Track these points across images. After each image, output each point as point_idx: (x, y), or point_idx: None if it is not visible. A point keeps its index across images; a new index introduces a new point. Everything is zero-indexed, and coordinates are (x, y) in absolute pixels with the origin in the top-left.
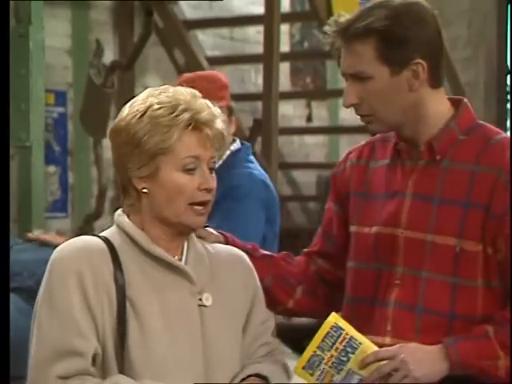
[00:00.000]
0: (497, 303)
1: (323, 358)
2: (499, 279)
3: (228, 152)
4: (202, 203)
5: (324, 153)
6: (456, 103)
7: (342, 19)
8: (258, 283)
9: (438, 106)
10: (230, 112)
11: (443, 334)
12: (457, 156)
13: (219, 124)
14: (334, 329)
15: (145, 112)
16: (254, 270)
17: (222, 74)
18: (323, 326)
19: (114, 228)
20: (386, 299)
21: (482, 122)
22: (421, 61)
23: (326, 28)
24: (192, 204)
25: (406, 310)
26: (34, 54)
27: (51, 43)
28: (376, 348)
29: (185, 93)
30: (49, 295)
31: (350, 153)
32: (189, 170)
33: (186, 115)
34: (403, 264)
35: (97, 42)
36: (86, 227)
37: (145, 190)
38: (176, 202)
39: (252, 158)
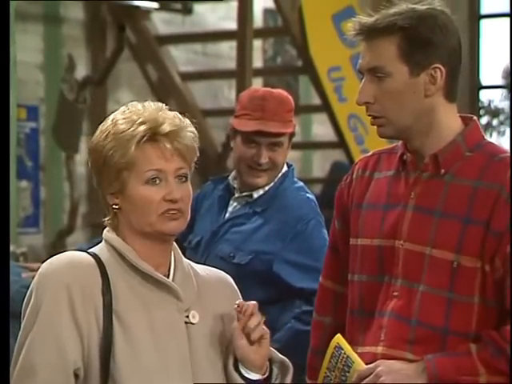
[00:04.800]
0: (491, 322)
1: (331, 379)
2: (495, 298)
3: (279, 175)
4: (170, 212)
5: (297, 168)
6: (466, 121)
7: (368, 18)
8: None
9: (449, 120)
10: (291, 136)
11: (436, 348)
12: (461, 171)
13: (184, 135)
14: (337, 349)
15: (109, 129)
16: (238, 292)
17: (289, 95)
18: (329, 347)
19: (102, 244)
20: (383, 310)
21: (489, 140)
22: (440, 66)
23: (349, 26)
24: (161, 214)
25: (401, 321)
26: None
27: (23, 58)
28: (363, 366)
29: (149, 106)
30: (36, 306)
31: (356, 163)
32: (153, 183)
33: (142, 127)
34: (402, 276)
35: (69, 57)
36: (58, 243)
37: (115, 206)
38: (146, 214)
39: (295, 178)
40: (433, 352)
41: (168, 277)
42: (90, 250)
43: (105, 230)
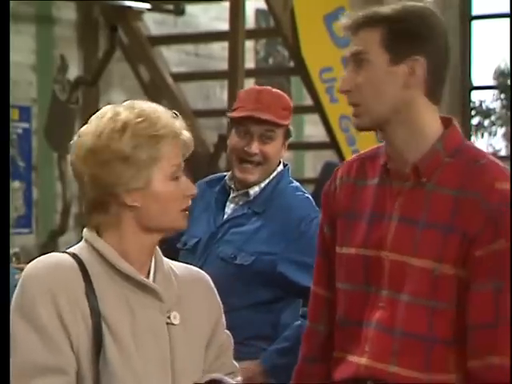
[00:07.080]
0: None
1: None
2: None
3: (275, 173)
4: (187, 209)
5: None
6: (445, 123)
7: (356, 13)
8: (220, 304)
9: (432, 121)
10: (286, 135)
11: (421, 359)
12: (441, 180)
13: (187, 133)
14: None
15: (125, 127)
16: (215, 290)
17: (287, 96)
18: None
19: (82, 244)
20: (369, 321)
21: (468, 142)
22: (421, 59)
23: (340, 22)
24: (182, 210)
25: (385, 332)
26: None
27: (15, 59)
28: None
29: (152, 106)
30: (23, 312)
31: (337, 169)
32: (176, 178)
33: (170, 127)
34: (387, 287)
35: (61, 57)
36: (50, 243)
37: (136, 204)
38: (170, 211)
39: (291, 178)
40: (418, 363)
41: (148, 278)
42: (69, 250)
43: (84, 230)
